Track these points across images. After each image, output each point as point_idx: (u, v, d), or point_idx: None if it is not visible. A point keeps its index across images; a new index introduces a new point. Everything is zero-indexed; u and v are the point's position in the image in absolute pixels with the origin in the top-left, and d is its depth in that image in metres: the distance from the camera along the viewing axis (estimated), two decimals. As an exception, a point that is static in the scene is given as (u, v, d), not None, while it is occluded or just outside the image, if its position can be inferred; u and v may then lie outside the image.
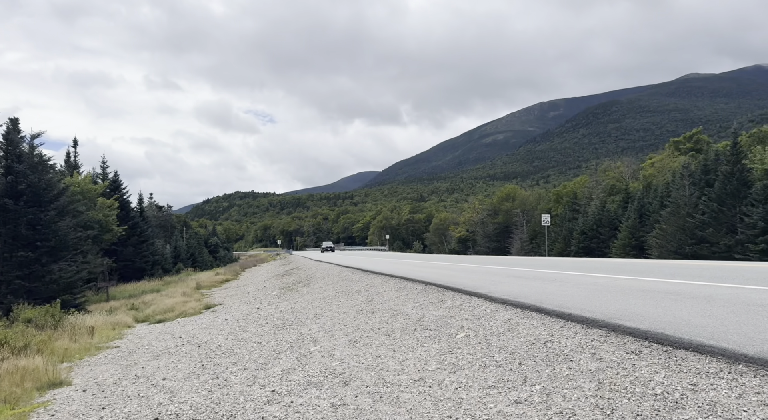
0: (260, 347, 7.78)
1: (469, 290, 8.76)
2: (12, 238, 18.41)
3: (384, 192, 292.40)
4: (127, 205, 46.75)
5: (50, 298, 18.73)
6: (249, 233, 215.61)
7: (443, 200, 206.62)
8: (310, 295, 15.93)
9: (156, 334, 11.18)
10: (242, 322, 11.56)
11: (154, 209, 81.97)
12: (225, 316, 13.87)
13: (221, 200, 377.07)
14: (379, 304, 9.87)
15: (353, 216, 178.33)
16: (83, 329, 10.99)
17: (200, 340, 9.30)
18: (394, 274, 15.36)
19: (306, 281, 22.24)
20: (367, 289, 12.79)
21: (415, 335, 6.53)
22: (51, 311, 10.51)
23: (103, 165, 47.38)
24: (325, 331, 8.15)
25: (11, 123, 29.82)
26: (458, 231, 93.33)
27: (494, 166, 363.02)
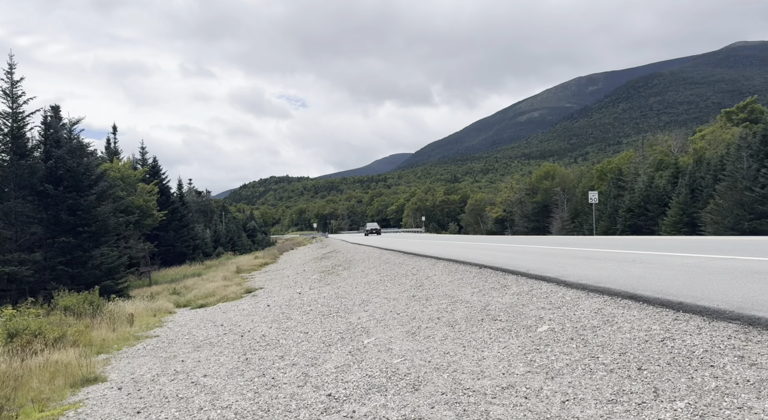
0: (307, 338, 7.10)
1: (535, 274, 7.84)
2: (54, 224, 18.41)
3: (417, 174, 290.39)
4: (166, 191, 47.32)
5: (93, 283, 18.74)
6: (285, 217, 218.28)
7: (477, 181, 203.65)
8: (352, 279, 15.28)
9: (197, 321, 10.72)
10: (285, 308, 10.97)
11: (193, 194, 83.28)
12: (267, 302, 13.36)
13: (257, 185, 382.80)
14: (431, 290, 9.06)
15: (387, 198, 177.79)
16: (122, 317, 10.63)
17: (243, 329, 8.72)
18: (440, 256, 14.52)
19: (346, 265, 21.66)
20: (414, 273, 12.00)
21: (483, 327, 5.69)
22: (89, 298, 10.18)
23: (142, 151, 47.99)
24: (376, 320, 7.40)
25: (52, 110, 30.16)
26: (495, 211, 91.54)
27: (530, 144, 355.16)
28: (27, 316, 10.66)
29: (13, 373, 5.66)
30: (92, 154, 27.96)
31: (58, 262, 17.98)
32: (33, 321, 7.42)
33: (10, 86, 17.67)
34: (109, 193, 20.74)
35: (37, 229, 18.22)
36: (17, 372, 5.69)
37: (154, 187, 39.41)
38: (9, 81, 17.65)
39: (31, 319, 9.56)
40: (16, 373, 5.64)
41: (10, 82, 17.67)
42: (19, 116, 17.91)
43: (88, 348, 7.64)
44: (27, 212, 17.89)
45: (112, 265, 19.10)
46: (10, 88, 17.65)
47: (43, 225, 18.29)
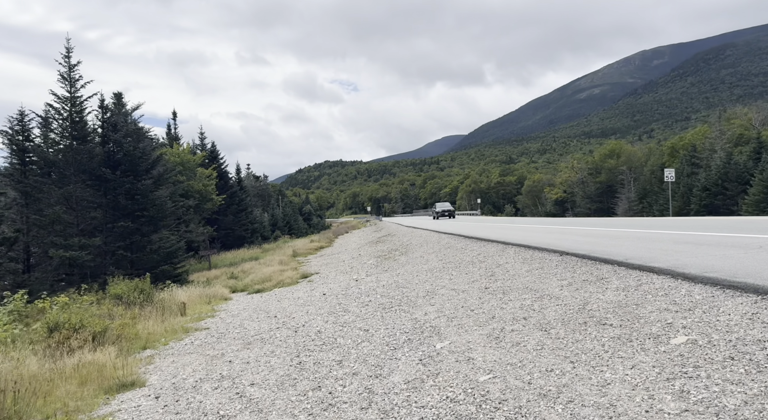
0: (368, 337, 6.17)
1: (636, 263, 6.54)
2: (113, 208, 18.48)
3: (470, 155, 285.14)
4: (225, 175, 47.98)
5: (152, 268, 18.78)
6: (339, 201, 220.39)
7: (534, 161, 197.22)
8: (411, 265, 14.30)
9: (250, 311, 10.09)
10: (341, 297, 10.13)
11: (251, 179, 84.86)
12: (323, 289, 12.62)
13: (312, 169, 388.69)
14: (506, 281, 7.92)
15: (440, 181, 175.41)
16: (174, 306, 10.15)
17: (297, 323, 7.93)
18: (507, 241, 13.26)
19: (403, 249, 20.73)
20: (481, 260, 10.86)
21: (589, 333, 4.54)
22: (140, 286, 9.76)
23: (201, 136, 48.75)
24: (447, 318, 6.37)
25: (115, 97, 30.76)
26: (554, 192, 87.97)
27: (590, 122, 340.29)
28: (80, 304, 10.38)
29: (44, 376, 5.09)
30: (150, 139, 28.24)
31: (117, 247, 18.05)
32: (75, 313, 6.94)
33: (68, 70, 17.70)
34: (166, 177, 20.68)
35: (97, 214, 18.34)
36: (47, 375, 5.12)
37: (213, 171, 39.86)
38: (66, 65, 17.67)
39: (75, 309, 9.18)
40: (47, 377, 5.07)
41: (68, 66, 17.70)
42: (77, 101, 17.95)
43: (132, 342, 7.09)
44: (87, 197, 18.01)
45: (170, 249, 19.05)
46: (67, 72, 17.69)
47: (102, 209, 18.39)
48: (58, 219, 16.67)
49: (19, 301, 10.80)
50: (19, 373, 4.96)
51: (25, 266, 18.33)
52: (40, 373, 5.18)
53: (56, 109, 17.68)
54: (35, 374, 5.10)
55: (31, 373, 5.07)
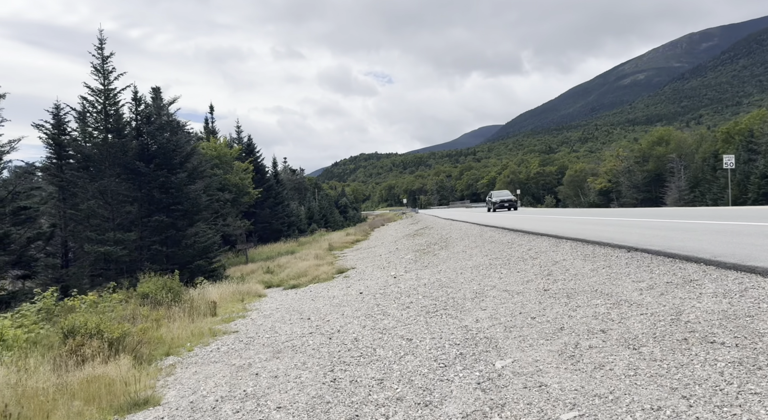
0: (412, 349, 5.36)
1: (731, 262, 5.48)
2: (148, 202, 18.27)
3: (508, 145, 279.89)
4: (261, 169, 48.02)
5: (187, 263, 18.54)
6: (375, 193, 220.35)
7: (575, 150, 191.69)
8: (453, 261, 13.40)
9: (283, 311, 9.43)
10: (380, 297, 9.35)
11: (288, 172, 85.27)
12: (359, 287, 11.89)
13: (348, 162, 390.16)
14: (568, 282, 6.96)
15: (477, 172, 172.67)
16: (204, 305, 9.61)
17: (332, 327, 7.19)
18: (559, 234, 12.18)
19: (442, 243, 19.81)
20: (533, 256, 9.87)
21: (695, 355, 3.58)
22: (169, 285, 9.27)
23: (238, 130, 48.88)
24: (504, 327, 5.48)
25: (153, 92, 30.90)
26: (598, 182, 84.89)
27: (634, 109, 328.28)
28: (109, 302, 9.96)
29: (48, 391, 4.51)
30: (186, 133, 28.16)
31: (152, 242, 17.84)
32: (93, 317, 6.42)
33: (101, 62, 17.50)
34: (200, 170, 20.38)
35: (132, 208, 18.17)
36: (51, 390, 4.54)
37: (249, 165, 39.78)
38: (100, 57, 17.47)
39: (102, 308, 8.73)
40: (50, 393, 4.49)
41: (101, 58, 17.50)
42: (111, 93, 17.76)
43: (156, 347, 6.52)
44: (122, 191, 17.84)
45: (205, 244, 18.74)
46: (101, 64, 17.49)
47: (137, 204, 18.21)
48: (93, 213, 16.54)
49: (49, 298, 10.49)
50: (22, 389, 4.40)
51: (64, 261, 18.37)
52: (45, 388, 4.61)
53: (90, 101, 17.54)
54: (41, 388, 4.54)
55: (34, 389, 4.50)
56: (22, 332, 7.01)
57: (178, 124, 29.71)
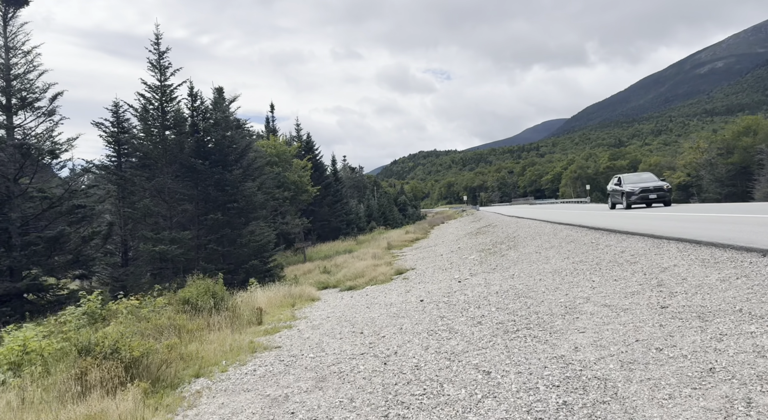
0: (492, 388, 4.04)
1: None
2: (204, 200, 17.86)
3: (574, 140, 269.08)
4: (320, 167, 47.76)
5: (242, 263, 18.01)
6: (434, 191, 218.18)
7: (647, 143, 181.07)
8: (526, 263, 11.87)
9: (333, 322, 8.35)
10: (443, 307, 8.06)
11: (347, 171, 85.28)
12: (419, 292, 10.64)
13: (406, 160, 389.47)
14: (692, 297, 5.39)
15: (540, 168, 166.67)
16: (249, 311, 8.70)
17: (387, 346, 5.99)
18: (655, 233, 10.39)
19: (510, 242, 18.18)
20: (630, 261, 8.24)
21: None
22: (211, 289, 8.43)
23: (297, 128, 48.87)
24: (619, 362, 4.06)
25: (216, 92, 31.09)
26: (676, 176, 79.12)
27: (712, 99, 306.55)
28: (153, 307, 9.26)
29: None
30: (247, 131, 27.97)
31: (208, 241, 17.41)
32: (113, 330, 5.58)
33: (158, 58, 17.23)
34: (255, 167, 19.83)
35: (189, 206, 17.83)
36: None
37: (308, 162, 39.44)
38: (156, 52, 17.21)
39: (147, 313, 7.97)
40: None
41: (158, 53, 17.23)
42: (167, 89, 17.47)
43: (187, 364, 5.59)
44: (179, 189, 17.53)
45: (260, 242, 18.12)
46: (157, 59, 17.22)
47: (194, 202, 17.85)
48: (150, 212, 16.27)
49: (94, 301, 9.95)
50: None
51: (123, 260, 18.30)
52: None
53: (147, 98, 17.31)
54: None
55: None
56: (50, 343, 6.29)
57: (237, 122, 29.67)
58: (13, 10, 13.54)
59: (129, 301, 9.08)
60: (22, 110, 14.02)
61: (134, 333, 5.82)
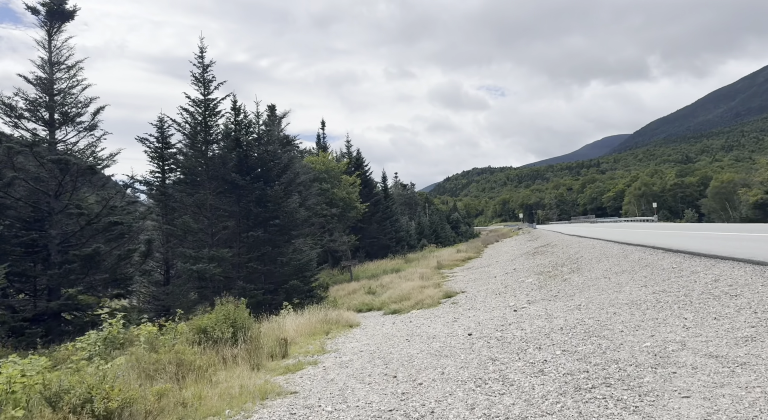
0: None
1: None
2: (245, 217, 17.26)
3: (637, 156, 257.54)
4: (370, 183, 47.03)
5: (283, 283, 17.22)
6: (488, 208, 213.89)
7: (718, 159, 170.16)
8: (594, 291, 10.29)
9: (366, 357, 7.18)
10: (496, 345, 6.73)
11: (399, 187, 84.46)
12: (468, 322, 9.31)
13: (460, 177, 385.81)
14: None
15: (602, 184, 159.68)
16: (273, 342, 7.68)
17: (423, 402, 4.76)
18: (753, 258, 8.64)
19: (572, 265, 16.46)
20: (730, 294, 6.63)
21: None
22: (231, 316, 7.48)
23: (348, 144, 48.51)
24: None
25: (269, 109, 31.15)
26: (752, 194, 73.37)
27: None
28: (174, 334, 8.43)
29: None
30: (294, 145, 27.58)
31: (248, 259, 16.74)
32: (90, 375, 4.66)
33: (202, 71, 16.94)
34: (298, 182, 19.13)
35: (229, 223, 17.29)
36: None
37: (357, 178, 38.79)
38: (200, 66, 16.92)
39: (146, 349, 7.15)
40: None
41: (202, 66, 16.94)
42: (210, 104, 17.14)
43: (177, 418, 4.59)
44: (220, 205, 17.04)
45: (301, 261, 17.29)
46: (201, 73, 16.93)
47: (235, 219, 17.30)
48: (190, 229, 15.79)
49: (116, 326, 9.28)
50: None
51: (165, 278, 17.93)
52: None
53: (190, 113, 17.03)
54: None
55: None
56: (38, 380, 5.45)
57: (286, 138, 29.39)
58: (57, 25, 13.52)
59: (147, 327, 8.30)
60: (64, 125, 13.90)
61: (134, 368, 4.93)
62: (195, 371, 5.83)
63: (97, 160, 14.58)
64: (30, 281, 13.61)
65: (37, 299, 13.21)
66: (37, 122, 13.62)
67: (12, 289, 13.24)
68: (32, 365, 6.25)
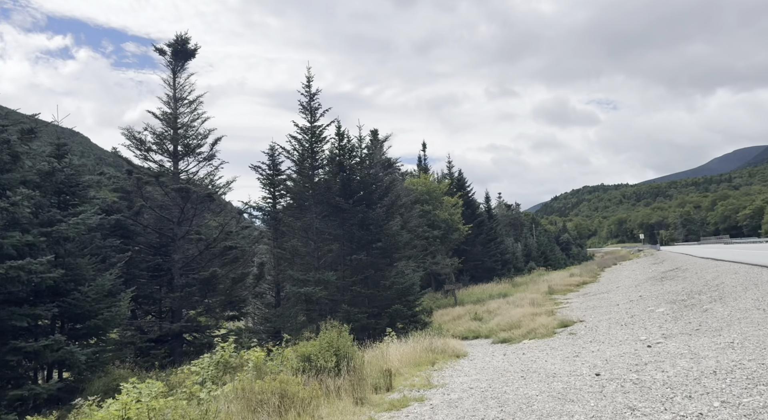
0: None
1: None
2: (348, 240, 17.35)
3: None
4: (472, 204, 46.01)
5: (386, 307, 16.97)
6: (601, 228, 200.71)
7: None
8: (748, 325, 8.71)
9: (477, 396, 6.53)
10: (632, 391, 5.76)
11: (502, 208, 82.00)
12: (593, 358, 8.26)
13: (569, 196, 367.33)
14: None
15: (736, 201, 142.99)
16: (377, 373, 7.30)
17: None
18: None
19: (712, 292, 14.38)
20: None
21: None
22: (334, 344, 7.21)
23: (449, 165, 48.02)
24: None
25: (371, 134, 31.84)
26: None
27: None
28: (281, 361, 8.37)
29: None
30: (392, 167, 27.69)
31: (352, 282, 16.73)
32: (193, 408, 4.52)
33: (308, 100, 17.52)
34: (399, 204, 18.96)
35: (334, 246, 17.47)
36: None
37: (459, 199, 38.04)
38: (307, 94, 17.52)
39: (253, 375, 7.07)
40: None
41: (308, 95, 17.53)
42: (317, 130, 17.63)
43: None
44: (325, 228, 17.31)
45: (404, 285, 16.95)
46: (308, 101, 17.50)
47: (339, 242, 17.46)
48: (297, 252, 16.16)
49: (228, 349, 9.48)
50: None
51: (276, 300, 18.49)
52: None
53: (298, 140, 17.63)
54: None
55: None
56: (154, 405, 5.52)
57: (388, 161, 29.62)
58: (181, 64, 14.71)
59: (256, 352, 8.33)
60: (186, 156, 14.94)
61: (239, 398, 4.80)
62: (298, 405, 5.58)
63: (215, 187, 15.49)
64: (155, 303, 14.63)
65: (161, 321, 14.11)
66: (163, 154, 14.80)
67: (140, 311, 14.27)
68: (149, 389, 6.42)
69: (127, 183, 14.93)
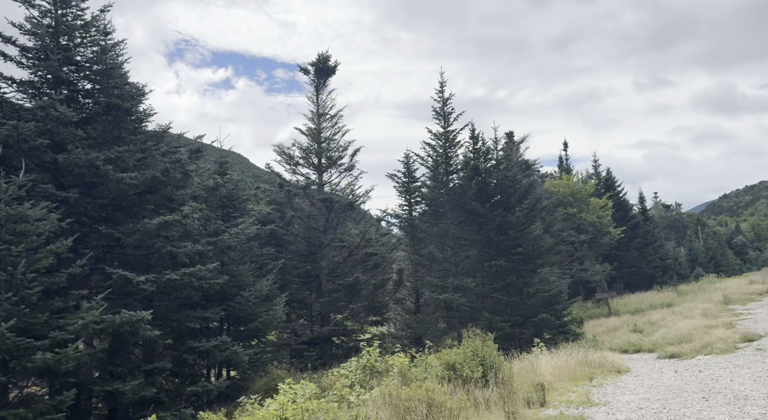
0: None
1: None
2: (485, 246, 16.84)
3: None
4: (624, 205, 42.30)
5: (530, 316, 16.08)
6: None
7: None
8: None
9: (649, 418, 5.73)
10: None
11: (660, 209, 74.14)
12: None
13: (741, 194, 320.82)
14: None
15: None
16: (529, 385, 6.81)
17: None
18: None
19: None
20: None
21: None
22: (480, 353, 6.85)
23: (595, 164, 44.75)
24: None
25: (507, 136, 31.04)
26: None
27: None
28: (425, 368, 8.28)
29: None
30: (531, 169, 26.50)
31: (492, 289, 16.16)
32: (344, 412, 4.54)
33: (441, 105, 17.46)
34: (540, 207, 17.95)
35: (472, 252, 17.06)
36: None
37: (608, 201, 35.14)
38: (440, 100, 17.47)
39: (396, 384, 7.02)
40: None
41: (442, 100, 17.46)
42: (450, 135, 17.46)
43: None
44: (462, 234, 17.01)
45: (550, 293, 15.94)
46: (441, 107, 17.45)
47: (476, 247, 17.01)
48: (435, 259, 16.08)
49: (373, 353, 9.65)
50: None
51: (416, 306, 18.59)
52: None
53: (432, 146, 17.62)
54: None
55: None
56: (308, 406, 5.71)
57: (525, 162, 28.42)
58: (323, 80, 15.59)
59: (400, 358, 8.33)
60: (329, 168, 15.75)
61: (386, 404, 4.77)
62: (446, 415, 5.38)
63: (355, 196, 16.09)
64: (307, 308, 15.55)
65: (312, 324, 14.94)
66: (309, 167, 15.77)
67: (294, 314, 15.27)
68: (303, 390, 6.69)
69: (279, 195, 16.22)
